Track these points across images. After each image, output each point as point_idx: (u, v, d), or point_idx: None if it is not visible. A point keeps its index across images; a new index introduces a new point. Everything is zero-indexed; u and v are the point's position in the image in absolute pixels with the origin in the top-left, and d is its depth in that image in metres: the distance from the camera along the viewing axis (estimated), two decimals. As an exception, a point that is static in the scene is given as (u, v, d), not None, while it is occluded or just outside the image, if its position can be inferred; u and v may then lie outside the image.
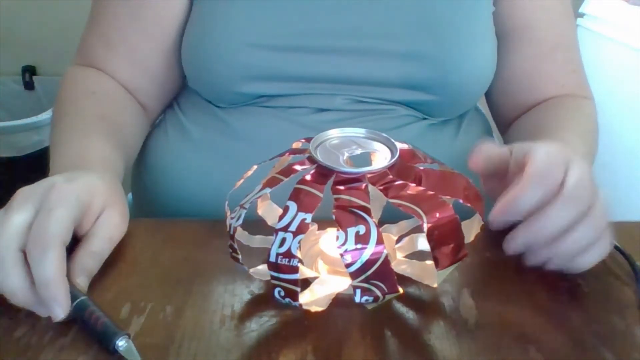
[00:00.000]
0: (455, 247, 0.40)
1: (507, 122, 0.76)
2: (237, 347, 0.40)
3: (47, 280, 0.40)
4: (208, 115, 0.68)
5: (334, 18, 0.64)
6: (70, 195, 0.45)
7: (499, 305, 0.45)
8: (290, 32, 0.63)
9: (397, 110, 0.66)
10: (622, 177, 1.33)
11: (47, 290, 0.40)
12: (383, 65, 0.64)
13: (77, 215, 0.45)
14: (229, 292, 0.46)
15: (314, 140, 0.44)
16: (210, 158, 0.66)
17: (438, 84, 0.64)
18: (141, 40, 0.68)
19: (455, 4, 0.65)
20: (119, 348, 0.39)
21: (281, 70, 0.63)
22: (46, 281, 0.40)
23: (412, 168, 0.43)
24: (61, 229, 0.43)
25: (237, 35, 0.62)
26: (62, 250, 0.42)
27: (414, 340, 0.42)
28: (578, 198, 0.43)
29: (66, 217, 0.44)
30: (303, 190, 0.40)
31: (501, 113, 0.77)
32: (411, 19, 0.64)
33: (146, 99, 0.70)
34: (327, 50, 0.63)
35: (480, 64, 0.67)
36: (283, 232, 0.39)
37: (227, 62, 0.63)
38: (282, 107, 0.65)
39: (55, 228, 0.42)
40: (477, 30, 0.67)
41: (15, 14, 1.73)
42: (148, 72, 0.69)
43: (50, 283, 0.40)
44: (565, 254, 0.44)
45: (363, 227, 0.39)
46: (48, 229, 0.42)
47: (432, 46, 0.63)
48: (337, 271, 0.45)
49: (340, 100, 0.65)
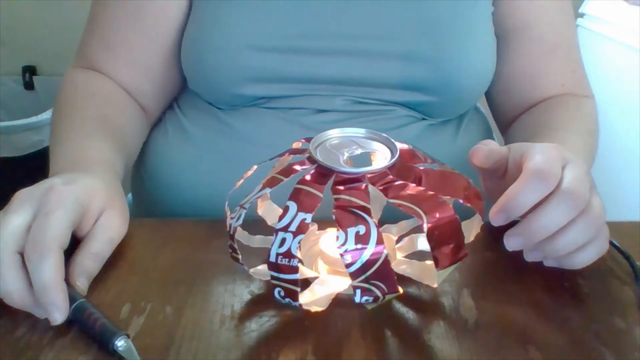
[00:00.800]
0: (455, 247, 0.40)
1: (508, 122, 0.76)
2: (237, 347, 0.40)
3: (45, 285, 0.40)
4: (208, 116, 0.67)
5: (334, 20, 0.64)
6: (68, 197, 0.45)
7: (499, 305, 0.45)
8: (290, 34, 0.63)
9: (397, 111, 0.66)
10: (622, 177, 1.33)
11: (46, 294, 0.40)
12: (383, 66, 0.64)
13: (76, 218, 0.45)
14: (229, 292, 0.46)
15: (314, 140, 0.44)
16: (210, 158, 0.66)
17: (437, 85, 0.64)
18: (141, 42, 0.68)
19: (454, 5, 0.65)
20: (118, 348, 0.39)
21: (281, 72, 0.63)
22: (44, 286, 0.40)
23: (412, 168, 0.43)
24: (59, 232, 0.43)
25: (236, 37, 0.62)
26: (60, 254, 0.42)
27: (414, 340, 0.42)
28: (575, 196, 0.43)
29: (64, 220, 0.43)
30: (303, 190, 0.40)
31: (501, 112, 0.77)
32: (411, 20, 0.64)
33: (146, 100, 0.70)
34: (327, 52, 0.63)
35: (480, 65, 0.67)
36: (283, 232, 0.39)
37: (227, 64, 0.63)
38: (282, 108, 0.65)
39: (53, 231, 0.42)
40: (476, 30, 0.67)
41: (15, 14, 1.73)
42: (148, 73, 0.69)
43: (48, 288, 0.40)
44: (563, 250, 0.45)
45: (363, 227, 0.39)
46: (46, 233, 0.42)
47: (431, 47, 0.63)
48: (337, 271, 0.45)
49: (340, 101, 0.65)
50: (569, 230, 0.43)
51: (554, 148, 0.46)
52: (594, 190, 0.46)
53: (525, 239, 0.44)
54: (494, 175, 0.51)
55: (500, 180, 0.51)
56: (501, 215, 0.44)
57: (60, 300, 0.40)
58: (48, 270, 0.41)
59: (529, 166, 0.44)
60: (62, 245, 0.43)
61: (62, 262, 0.42)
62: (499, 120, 0.78)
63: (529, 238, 0.44)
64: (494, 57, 0.70)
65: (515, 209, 0.43)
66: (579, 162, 0.46)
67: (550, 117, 0.68)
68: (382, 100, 0.65)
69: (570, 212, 0.43)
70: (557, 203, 0.43)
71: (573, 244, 0.44)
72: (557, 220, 0.43)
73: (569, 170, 0.45)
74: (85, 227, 0.47)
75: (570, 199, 0.43)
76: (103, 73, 0.68)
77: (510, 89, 0.73)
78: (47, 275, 0.41)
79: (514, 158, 0.48)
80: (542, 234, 0.43)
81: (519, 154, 0.47)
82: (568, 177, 0.44)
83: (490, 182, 0.53)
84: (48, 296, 0.40)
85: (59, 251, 0.42)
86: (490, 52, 0.69)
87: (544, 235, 0.43)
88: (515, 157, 0.48)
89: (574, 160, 0.46)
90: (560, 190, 0.43)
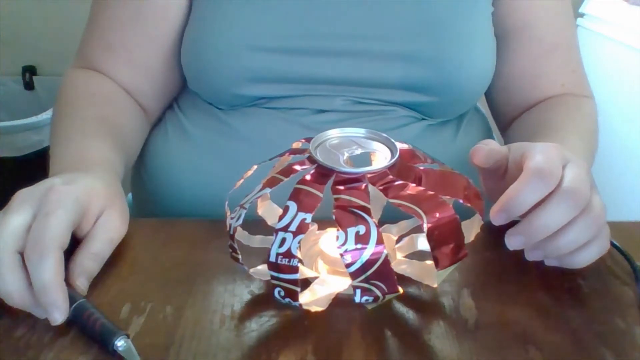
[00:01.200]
0: (455, 247, 0.40)
1: (508, 122, 0.76)
2: (237, 347, 0.40)
3: (45, 285, 0.40)
4: (208, 116, 0.67)
5: (334, 20, 0.64)
6: (68, 197, 0.45)
7: (499, 305, 0.45)
8: (290, 35, 0.63)
9: (397, 111, 0.66)
10: (622, 177, 1.33)
11: (46, 294, 0.40)
12: (383, 66, 0.64)
13: (76, 218, 0.45)
14: (229, 292, 0.46)
15: (314, 140, 0.44)
16: (210, 158, 0.66)
17: (438, 85, 0.64)
18: (141, 42, 0.68)
19: (454, 5, 0.65)
20: (117, 348, 0.39)
21: (281, 73, 0.63)
22: (44, 286, 0.40)
23: (412, 168, 0.43)
24: (59, 232, 0.43)
25: (236, 38, 0.62)
26: (59, 254, 0.42)
27: (414, 340, 0.42)
28: (576, 194, 0.43)
29: (64, 220, 0.43)
30: (303, 190, 0.40)
31: (501, 112, 0.77)
32: (411, 20, 0.64)
33: (146, 100, 0.70)
34: (326, 52, 0.63)
35: (480, 65, 0.67)
36: (283, 232, 0.39)
37: (227, 64, 0.63)
38: (282, 108, 0.65)
39: (53, 232, 0.42)
40: (476, 31, 0.67)
41: (16, 14, 1.73)
42: (148, 73, 0.69)
43: (48, 288, 0.40)
44: (564, 249, 0.45)
45: (363, 227, 0.39)
46: (46, 233, 0.42)
47: (432, 47, 0.63)
48: (337, 271, 0.45)
49: (340, 101, 0.65)
50: (570, 229, 0.44)
51: (554, 148, 0.46)
52: (595, 190, 0.46)
53: (526, 238, 0.44)
54: (494, 175, 0.51)
55: (500, 180, 0.51)
56: (502, 215, 0.44)
57: (60, 301, 0.40)
58: (48, 270, 0.41)
59: (529, 165, 0.44)
60: (62, 246, 0.43)
61: (62, 262, 0.42)
62: (499, 120, 0.78)
63: (530, 237, 0.44)
64: (493, 57, 0.70)
65: (516, 208, 0.43)
66: (579, 162, 0.46)
67: (550, 117, 0.68)
68: (382, 100, 0.65)
69: (571, 211, 0.43)
70: (557, 202, 0.43)
71: (574, 242, 0.44)
72: (558, 219, 0.43)
73: (569, 169, 0.45)
74: (86, 227, 0.47)
75: (570, 197, 0.43)
76: (103, 73, 0.68)
77: (510, 89, 0.73)
78: (47, 276, 0.41)
79: (514, 158, 0.48)
80: (543, 233, 0.43)
81: (519, 153, 0.47)
82: (568, 177, 0.44)
83: (490, 182, 0.53)
84: (48, 296, 0.40)
85: (58, 251, 0.42)
86: (490, 52, 0.69)
87: (544, 234, 0.43)
88: (515, 156, 0.48)
89: (575, 160, 0.46)
90: (560, 190, 0.43)
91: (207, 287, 0.46)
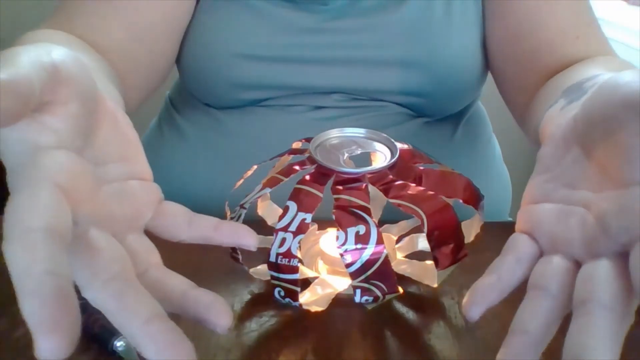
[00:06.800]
0: (455, 247, 0.40)
1: (526, 101, 0.62)
2: (237, 347, 0.40)
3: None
4: (203, 115, 0.67)
5: (329, 29, 0.63)
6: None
7: (499, 305, 0.45)
8: (282, 44, 0.63)
9: (393, 108, 0.66)
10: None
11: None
12: (379, 74, 0.64)
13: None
14: (229, 292, 0.46)
15: (314, 140, 0.44)
16: (206, 157, 0.66)
17: (433, 89, 0.64)
18: (146, 9, 0.60)
19: (444, 7, 0.64)
20: (117, 348, 0.39)
21: (277, 81, 0.63)
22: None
23: (412, 168, 0.43)
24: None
25: (232, 46, 0.62)
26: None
27: (414, 340, 0.42)
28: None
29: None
30: (303, 190, 0.40)
31: (518, 87, 0.64)
32: (402, 26, 0.63)
33: (128, 76, 0.59)
34: (323, 60, 0.63)
35: (473, 62, 0.65)
36: (283, 232, 0.39)
37: (223, 72, 0.63)
38: (278, 105, 0.65)
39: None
40: (466, 30, 0.65)
41: (16, 14, 1.73)
42: (143, 44, 0.60)
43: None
44: None
45: (363, 227, 0.39)
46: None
47: (424, 52, 0.63)
48: (337, 271, 0.45)
49: (337, 97, 0.65)
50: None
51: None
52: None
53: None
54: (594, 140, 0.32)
55: (604, 140, 0.30)
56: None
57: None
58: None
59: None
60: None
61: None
62: (516, 102, 0.66)
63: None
64: (478, 44, 0.65)
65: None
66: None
67: (583, 69, 0.52)
68: (377, 99, 0.66)
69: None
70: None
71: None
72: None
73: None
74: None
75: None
76: (84, 36, 0.57)
77: (519, 51, 0.63)
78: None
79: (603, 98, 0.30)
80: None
81: (609, 89, 0.29)
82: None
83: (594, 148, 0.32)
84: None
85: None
86: (480, 49, 0.67)
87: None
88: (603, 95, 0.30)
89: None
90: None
91: (207, 287, 0.46)
